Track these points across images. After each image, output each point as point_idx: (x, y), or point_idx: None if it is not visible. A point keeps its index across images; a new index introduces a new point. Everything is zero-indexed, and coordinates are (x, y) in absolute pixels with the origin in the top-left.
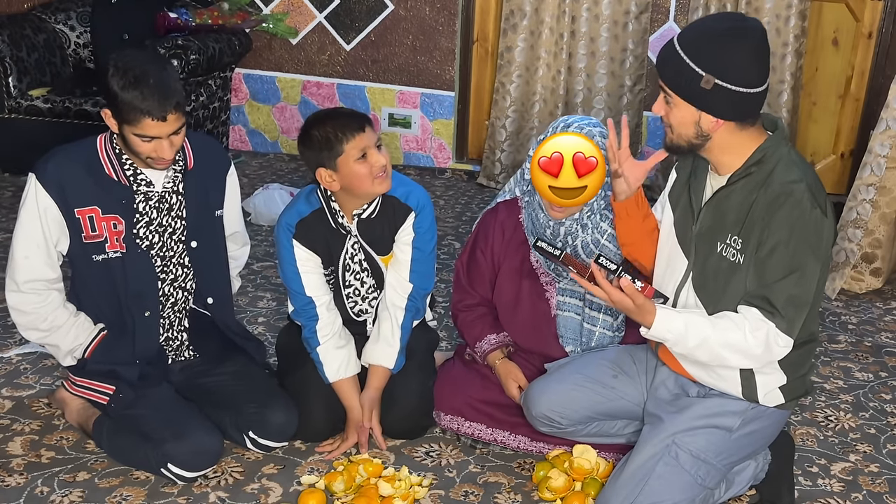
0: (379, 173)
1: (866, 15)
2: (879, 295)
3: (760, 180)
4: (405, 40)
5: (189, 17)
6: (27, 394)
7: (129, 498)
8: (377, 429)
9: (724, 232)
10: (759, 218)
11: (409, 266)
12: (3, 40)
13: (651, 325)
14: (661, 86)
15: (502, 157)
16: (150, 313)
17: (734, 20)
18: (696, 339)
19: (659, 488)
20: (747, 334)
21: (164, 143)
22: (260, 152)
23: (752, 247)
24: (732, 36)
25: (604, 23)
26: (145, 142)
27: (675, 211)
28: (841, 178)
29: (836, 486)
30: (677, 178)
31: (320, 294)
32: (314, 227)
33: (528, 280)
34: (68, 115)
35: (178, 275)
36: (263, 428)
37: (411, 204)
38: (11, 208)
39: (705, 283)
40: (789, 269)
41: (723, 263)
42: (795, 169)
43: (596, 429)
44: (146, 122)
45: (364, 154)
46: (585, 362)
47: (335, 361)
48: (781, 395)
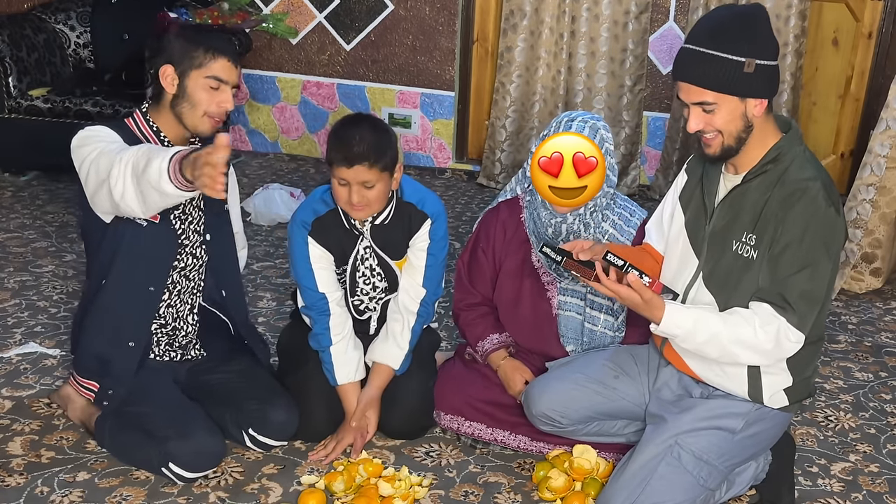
0: (350, 204)
1: (866, 15)
2: (879, 295)
3: (775, 178)
4: (405, 40)
5: (189, 17)
6: (27, 394)
7: (129, 498)
8: (372, 429)
9: (740, 230)
10: (774, 215)
11: (423, 272)
12: (3, 40)
13: (660, 320)
14: (698, 99)
15: (502, 157)
16: (155, 289)
17: (736, 7)
18: (705, 334)
19: (660, 488)
20: (758, 330)
21: (228, 92)
22: (260, 152)
23: (765, 243)
24: (749, 17)
25: (604, 23)
26: (212, 89)
27: (686, 212)
28: (841, 178)
29: (836, 486)
30: (688, 180)
31: (332, 290)
32: (329, 227)
33: (529, 279)
34: (68, 115)
35: (187, 263)
36: (264, 425)
37: (427, 211)
38: (11, 208)
39: (717, 281)
40: (802, 264)
41: (738, 262)
42: (810, 167)
43: (596, 428)
44: (222, 61)
45: (346, 183)
46: (586, 362)
47: (347, 365)
48: (786, 397)
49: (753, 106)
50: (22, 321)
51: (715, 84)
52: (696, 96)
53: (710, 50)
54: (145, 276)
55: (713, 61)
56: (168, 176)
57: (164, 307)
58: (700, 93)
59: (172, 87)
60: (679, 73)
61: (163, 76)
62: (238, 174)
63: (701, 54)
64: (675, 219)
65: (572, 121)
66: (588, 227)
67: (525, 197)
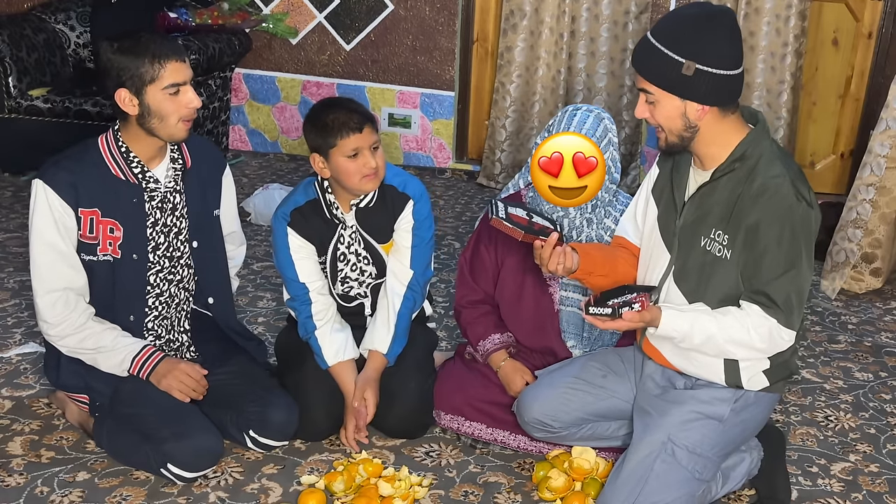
0: (368, 173)
1: (866, 15)
2: (879, 295)
3: (744, 176)
4: (405, 40)
5: (189, 17)
6: (27, 394)
7: (129, 498)
8: (371, 411)
9: (708, 227)
10: (745, 215)
11: (409, 253)
12: (3, 40)
13: (658, 326)
14: (642, 86)
15: (502, 157)
16: (135, 318)
17: (704, 6)
18: (701, 336)
19: (658, 487)
20: (751, 331)
21: (190, 90)
22: (260, 152)
23: (739, 243)
24: (706, 19)
25: (604, 23)
26: (173, 95)
27: (658, 205)
28: (841, 178)
29: (836, 486)
30: (660, 174)
31: (314, 280)
32: (309, 217)
33: (531, 275)
34: (68, 115)
35: (183, 276)
36: (264, 427)
37: (409, 192)
38: (11, 208)
39: (687, 277)
40: (785, 267)
41: (707, 258)
42: (778, 163)
43: (589, 431)
44: (171, 65)
45: (356, 153)
46: (573, 365)
47: (333, 344)
48: (765, 378)
49: (695, 109)
50: (22, 321)
51: (653, 78)
52: (640, 83)
53: (657, 43)
54: (124, 306)
55: (656, 55)
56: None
57: (155, 322)
58: (642, 82)
59: (134, 108)
60: (633, 58)
61: (120, 101)
62: (238, 174)
63: (651, 46)
64: (648, 213)
65: (577, 110)
66: (590, 222)
67: (528, 192)
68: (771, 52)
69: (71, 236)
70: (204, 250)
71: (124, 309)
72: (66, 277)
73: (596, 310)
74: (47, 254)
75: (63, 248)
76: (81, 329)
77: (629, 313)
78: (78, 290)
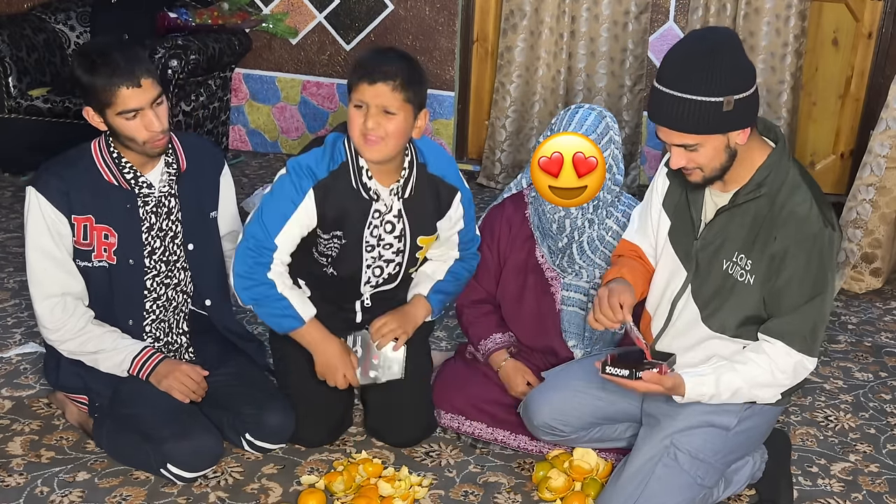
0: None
1: (866, 15)
2: (879, 295)
3: (767, 202)
4: (405, 40)
5: (189, 17)
6: (27, 394)
7: (129, 498)
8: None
9: (730, 251)
10: (771, 242)
11: (457, 245)
12: (3, 40)
13: (684, 395)
14: (681, 142)
15: (502, 157)
16: (133, 322)
17: (702, 39)
18: (728, 392)
19: (659, 490)
20: (776, 373)
21: (149, 114)
22: (260, 152)
23: (763, 269)
24: (720, 50)
25: (604, 23)
26: (131, 120)
27: (671, 219)
28: (841, 178)
29: (836, 486)
30: (671, 187)
31: (286, 249)
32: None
33: (533, 275)
34: (68, 115)
35: (180, 279)
36: (260, 430)
37: (455, 184)
38: (11, 208)
39: (705, 296)
40: (811, 294)
41: (728, 281)
42: (803, 188)
43: (598, 434)
44: (122, 92)
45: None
46: (581, 368)
47: (298, 297)
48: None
49: (737, 136)
50: (22, 321)
51: (696, 128)
52: (678, 139)
53: (686, 94)
54: (123, 310)
55: (690, 106)
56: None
57: (154, 325)
58: (681, 136)
59: (102, 125)
60: (656, 117)
61: (89, 118)
62: (238, 174)
63: (677, 99)
64: (660, 226)
65: (579, 108)
66: (592, 223)
67: (530, 192)
68: (771, 52)
69: (65, 243)
70: (200, 253)
71: (123, 313)
72: (63, 283)
73: (613, 370)
74: (42, 260)
75: (58, 254)
76: (81, 333)
77: (649, 374)
78: (76, 295)
